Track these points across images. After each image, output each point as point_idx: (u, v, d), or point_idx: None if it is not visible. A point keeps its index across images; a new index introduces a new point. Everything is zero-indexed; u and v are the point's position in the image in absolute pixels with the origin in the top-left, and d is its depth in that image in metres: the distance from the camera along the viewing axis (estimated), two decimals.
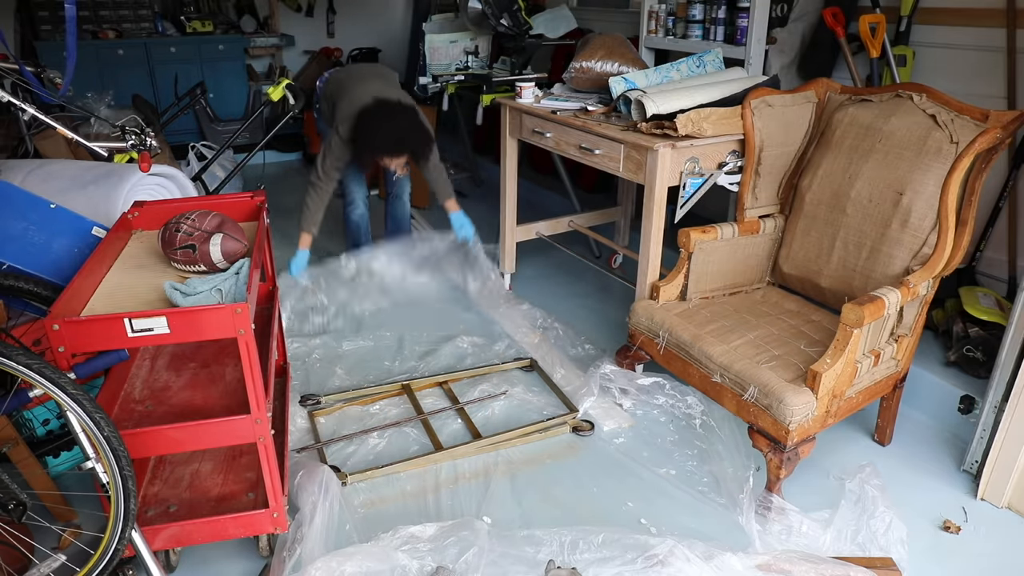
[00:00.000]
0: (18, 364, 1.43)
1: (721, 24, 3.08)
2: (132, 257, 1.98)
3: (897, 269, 2.12)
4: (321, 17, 6.20)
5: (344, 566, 1.76)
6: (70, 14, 2.25)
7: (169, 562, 1.89)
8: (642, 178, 2.46)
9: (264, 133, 4.56)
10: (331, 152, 3.03)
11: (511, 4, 3.70)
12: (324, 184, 3.05)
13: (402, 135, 2.93)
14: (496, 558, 1.81)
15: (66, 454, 2.18)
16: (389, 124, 2.90)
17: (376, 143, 2.91)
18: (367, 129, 2.90)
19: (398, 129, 2.92)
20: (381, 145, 2.92)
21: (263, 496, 1.82)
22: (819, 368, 1.91)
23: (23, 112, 2.40)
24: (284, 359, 2.46)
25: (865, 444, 2.40)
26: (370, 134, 2.89)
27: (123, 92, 4.30)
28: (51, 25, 5.02)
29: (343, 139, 2.99)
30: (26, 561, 1.75)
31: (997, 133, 1.96)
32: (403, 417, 2.50)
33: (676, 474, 2.24)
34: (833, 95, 2.45)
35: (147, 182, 2.44)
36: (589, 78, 3.00)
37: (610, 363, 2.59)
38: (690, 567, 1.66)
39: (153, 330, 1.54)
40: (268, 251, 2.26)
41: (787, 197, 2.50)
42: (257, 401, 1.67)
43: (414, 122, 2.98)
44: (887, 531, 1.87)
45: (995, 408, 2.14)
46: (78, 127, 3.07)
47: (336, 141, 3.01)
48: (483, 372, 2.77)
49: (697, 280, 2.44)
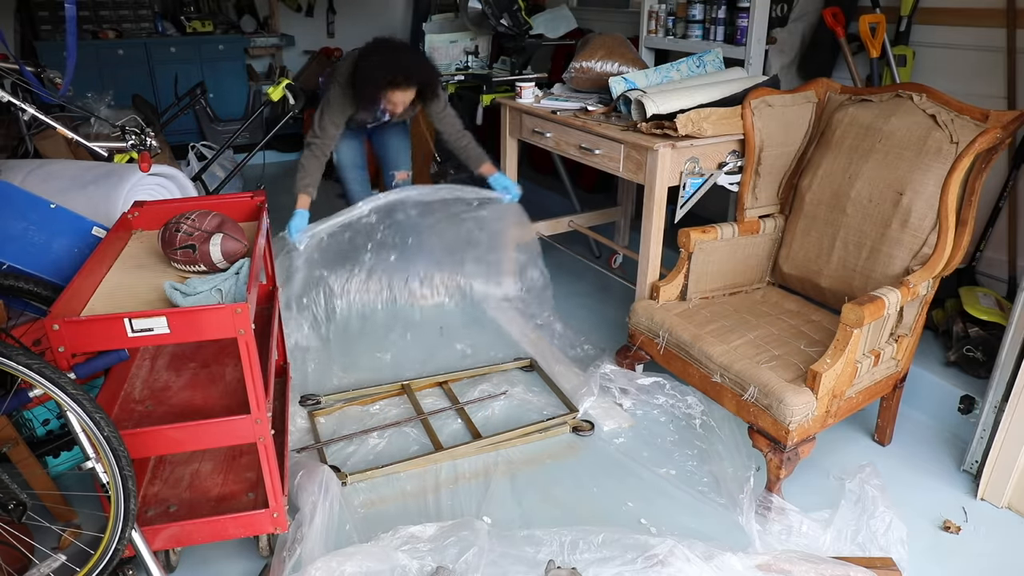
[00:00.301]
0: (18, 364, 1.43)
1: (721, 24, 3.08)
2: (132, 257, 1.98)
3: (897, 269, 2.12)
4: (321, 17, 6.20)
5: (344, 566, 1.75)
6: (70, 14, 2.25)
7: (169, 562, 1.89)
8: (642, 178, 2.46)
9: (264, 133, 4.56)
10: (328, 106, 2.81)
11: (511, 4, 3.70)
12: (321, 141, 2.81)
13: (407, 61, 2.70)
14: (496, 558, 1.81)
15: (66, 454, 2.18)
16: (392, 53, 2.68)
17: (378, 73, 2.65)
18: (368, 63, 2.67)
19: (401, 57, 2.69)
20: (384, 74, 2.65)
21: (263, 496, 1.82)
22: (819, 368, 1.91)
23: (23, 112, 2.40)
24: (284, 359, 2.46)
25: (865, 444, 2.40)
26: (371, 66, 2.66)
27: (123, 92, 4.30)
28: (51, 25, 5.02)
29: (342, 85, 2.77)
30: (26, 561, 1.75)
31: (997, 133, 1.96)
32: (403, 417, 2.50)
33: (676, 474, 2.24)
34: (833, 95, 2.45)
35: (147, 182, 2.44)
36: (589, 78, 3.00)
37: (610, 363, 2.59)
38: (690, 567, 1.66)
39: (153, 330, 1.54)
40: (268, 251, 2.26)
41: (787, 197, 2.50)
42: (257, 401, 1.67)
43: (418, 53, 2.80)
44: (887, 531, 1.87)
45: (995, 408, 2.14)
46: (78, 127, 3.07)
47: (334, 92, 2.80)
48: (483, 372, 2.77)
49: (697, 280, 2.44)
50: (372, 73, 2.66)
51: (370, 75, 2.66)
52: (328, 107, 2.81)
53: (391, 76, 2.65)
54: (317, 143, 2.82)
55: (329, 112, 2.80)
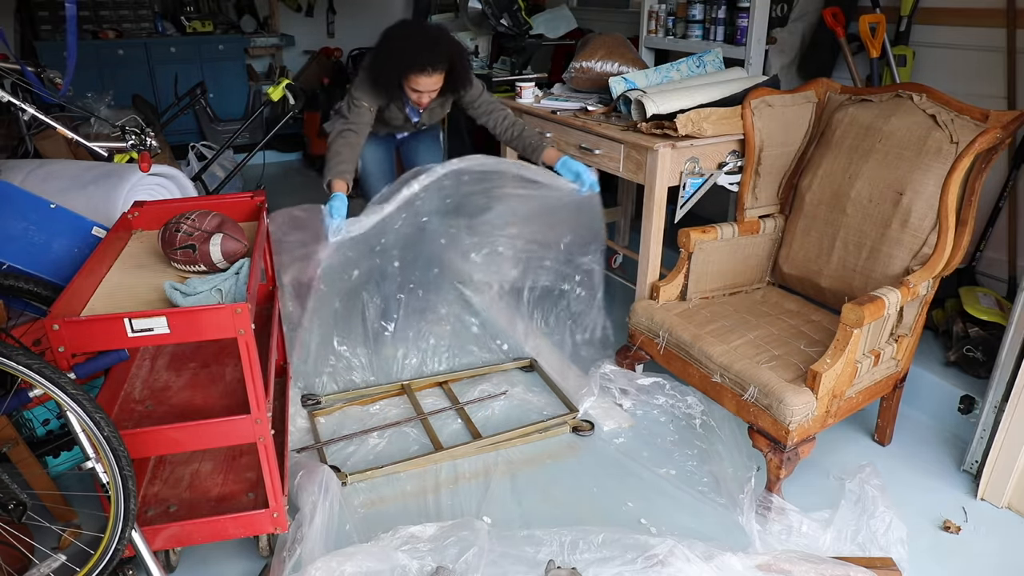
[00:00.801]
0: (18, 364, 1.43)
1: (721, 24, 3.08)
2: (132, 257, 1.98)
3: (897, 269, 2.12)
4: (321, 17, 6.20)
5: (344, 566, 1.75)
6: (70, 14, 2.25)
7: (169, 562, 1.89)
8: (642, 178, 2.46)
9: (264, 133, 4.57)
10: (350, 95, 2.50)
11: (511, 4, 3.70)
12: (355, 124, 2.46)
13: (434, 39, 2.38)
14: (496, 558, 1.80)
15: (66, 454, 2.18)
16: (415, 33, 2.41)
17: (405, 54, 2.34)
18: (391, 44, 2.39)
19: (424, 36, 2.39)
20: (410, 54, 2.34)
21: (263, 496, 1.82)
22: (819, 368, 1.91)
23: (23, 112, 2.40)
24: (284, 359, 2.46)
25: (865, 444, 2.40)
26: (396, 48, 2.37)
27: (123, 92, 4.30)
28: (51, 25, 5.03)
29: (366, 68, 2.46)
30: (26, 561, 1.75)
31: (997, 133, 1.96)
32: (403, 417, 2.50)
33: (676, 474, 2.24)
34: (833, 95, 2.45)
35: (147, 182, 2.44)
36: (589, 78, 3.00)
37: (610, 363, 2.59)
38: (690, 567, 1.66)
39: (153, 330, 1.54)
40: (268, 251, 2.26)
41: (787, 197, 2.50)
42: (257, 401, 1.67)
43: (443, 32, 2.43)
44: (887, 531, 1.86)
45: (995, 408, 2.14)
46: (78, 127, 3.07)
47: (360, 78, 2.49)
48: (483, 372, 2.77)
49: (697, 280, 2.44)
50: (392, 57, 2.37)
51: (394, 57, 2.37)
52: (350, 96, 2.50)
53: (412, 58, 2.34)
54: (350, 127, 2.46)
55: (360, 93, 2.47)
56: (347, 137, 2.45)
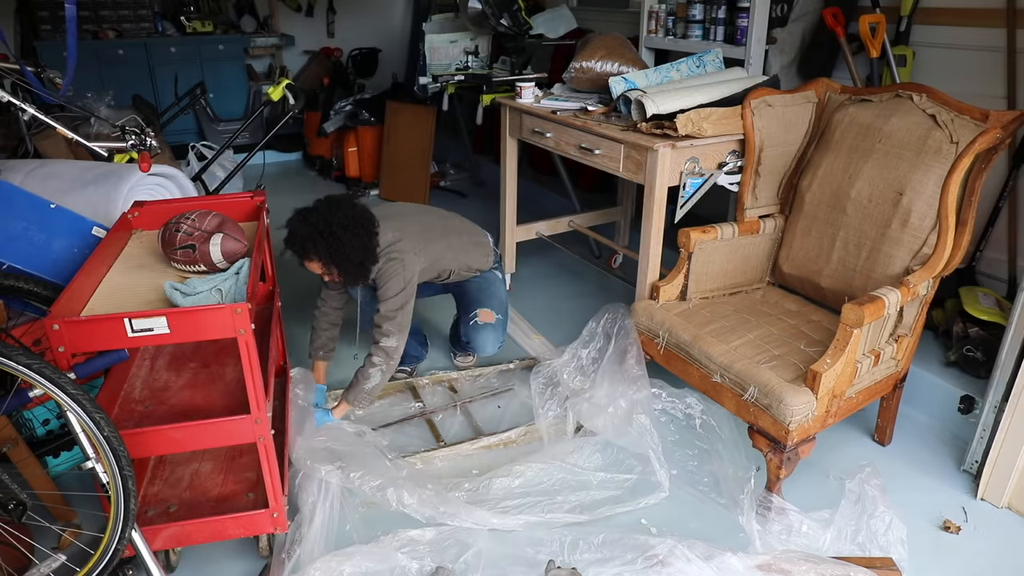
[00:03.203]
0: (18, 364, 1.43)
1: (721, 24, 3.08)
2: (132, 257, 1.98)
3: (897, 269, 2.12)
4: (321, 17, 6.20)
5: (344, 566, 1.76)
6: (70, 14, 2.25)
7: (169, 562, 1.89)
8: (642, 178, 2.46)
9: (264, 133, 4.57)
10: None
11: (511, 4, 3.70)
12: (320, 297, 2.48)
13: (294, 228, 2.16)
14: (496, 558, 1.81)
15: (66, 454, 2.18)
16: (296, 219, 2.19)
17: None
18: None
19: (300, 219, 2.17)
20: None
21: (263, 496, 1.82)
22: (819, 368, 1.91)
23: (23, 112, 2.39)
24: (284, 359, 2.46)
25: (865, 444, 2.40)
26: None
27: (123, 92, 4.29)
28: (51, 25, 5.03)
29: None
30: (26, 561, 1.75)
31: (997, 133, 1.96)
32: (406, 414, 2.50)
33: (676, 474, 2.24)
34: (833, 95, 2.45)
35: (147, 182, 2.44)
36: (589, 78, 3.00)
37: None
38: (690, 567, 1.66)
39: (153, 330, 1.54)
40: (268, 251, 2.26)
41: (787, 197, 2.50)
42: (257, 401, 1.67)
43: (316, 213, 2.15)
44: (887, 531, 1.86)
45: (995, 408, 2.14)
46: (78, 127, 3.06)
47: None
48: (486, 370, 2.77)
49: (697, 280, 2.44)
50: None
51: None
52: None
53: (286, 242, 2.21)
54: (320, 298, 2.48)
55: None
56: (320, 307, 2.47)
